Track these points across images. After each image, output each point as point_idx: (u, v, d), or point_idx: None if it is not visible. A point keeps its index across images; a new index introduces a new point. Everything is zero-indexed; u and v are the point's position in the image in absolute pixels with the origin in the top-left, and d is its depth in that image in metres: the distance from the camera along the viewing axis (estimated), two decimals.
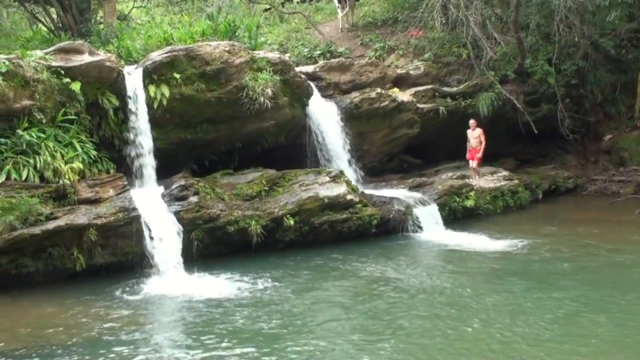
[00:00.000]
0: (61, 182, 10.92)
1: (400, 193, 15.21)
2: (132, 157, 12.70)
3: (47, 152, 11.05)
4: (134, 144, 12.67)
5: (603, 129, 20.88)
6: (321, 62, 17.29)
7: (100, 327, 8.35)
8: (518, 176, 17.71)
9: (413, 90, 17.67)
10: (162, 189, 12.25)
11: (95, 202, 10.95)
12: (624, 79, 20.29)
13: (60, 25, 18.91)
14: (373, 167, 17.38)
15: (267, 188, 13.13)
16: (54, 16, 19.66)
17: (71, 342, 7.84)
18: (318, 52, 18.55)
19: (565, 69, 19.16)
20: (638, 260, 11.35)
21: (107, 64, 12.20)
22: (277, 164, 14.05)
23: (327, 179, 13.57)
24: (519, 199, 17.02)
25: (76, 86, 11.70)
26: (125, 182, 11.57)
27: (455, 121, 17.35)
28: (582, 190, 19.50)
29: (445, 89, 18.18)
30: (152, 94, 12.63)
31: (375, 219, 13.64)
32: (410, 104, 17.06)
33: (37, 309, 9.19)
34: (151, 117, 12.71)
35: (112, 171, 12.08)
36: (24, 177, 10.70)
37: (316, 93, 15.65)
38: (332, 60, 17.47)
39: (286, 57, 15.33)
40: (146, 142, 12.68)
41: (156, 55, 13.00)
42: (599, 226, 14.47)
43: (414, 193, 15.28)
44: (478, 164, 16.42)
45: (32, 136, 10.98)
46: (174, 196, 11.84)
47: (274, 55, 14.73)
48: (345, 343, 7.66)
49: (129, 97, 12.56)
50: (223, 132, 14.03)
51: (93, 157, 11.75)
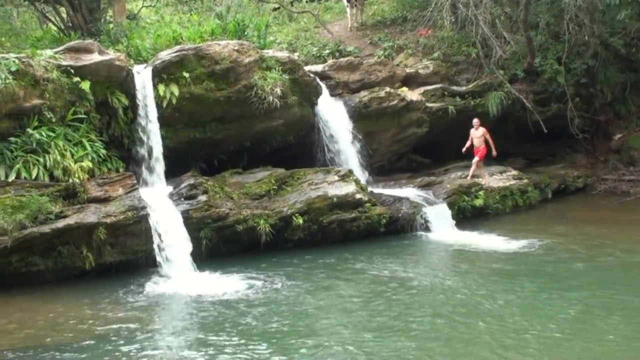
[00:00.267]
0: (71, 180, 10.95)
1: (409, 192, 15.18)
2: (141, 156, 12.75)
3: (56, 151, 11.08)
4: (143, 143, 12.70)
5: (613, 128, 20.75)
6: (330, 61, 17.25)
7: (110, 326, 8.35)
8: (527, 175, 17.62)
9: (422, 89, 17.60)
10: (171, 188, 12.28)
11: (105, 200, 10.97)
12: (634, 78, 20.14)
13: (70, 24, 18.93)
14: (382, 166, 17.35)
15: (276, 187, 13.11)
16: (64, 15, 19.70)
17: (80, 341, 7.85)
18: (327, 51, 18.49)
19: (575, 68, 19.03)
20: None
21: (117, 63, 12.24)
22: (286, 163, 14.04)
23: (336, 178, 13.54)
24: (529, 198, 16.94)
25: (86, 85, 11.74)
26: (135, 181, 11.60)
27: (464, 120, 17.23)
28: (591, 189, 19.36)
29: (455, 88, 18.10)
30: (161, 93, 12.66)
31: (384, 218, 13.60)
32: (419, 103, 17.02)
33: (48, 307, 9.21)
34: (160, 116, 12.73)
35: (121, 170, 12.11)
36: (34, 176, 10.74)
37: (325, 92, 15.64)
38: (341, 59, 17.41)
39: (295, 56, 15.33)
40: (155, 141, 12.71)
41: (165, 55, 13.02)
42: (609, 226, 14.36)
43: (423, 192, 15.26)
44: (480, 161, 16.21)
45: (42, 135, 11.01)
46: (183, 195, 11.86)
47: (283, 55, 14.73)
48: (357, 343, 7.62)
49: (139, 96, 12.59)
50: (232, 131, 14.03)
51: (102, 156, 11.79)
